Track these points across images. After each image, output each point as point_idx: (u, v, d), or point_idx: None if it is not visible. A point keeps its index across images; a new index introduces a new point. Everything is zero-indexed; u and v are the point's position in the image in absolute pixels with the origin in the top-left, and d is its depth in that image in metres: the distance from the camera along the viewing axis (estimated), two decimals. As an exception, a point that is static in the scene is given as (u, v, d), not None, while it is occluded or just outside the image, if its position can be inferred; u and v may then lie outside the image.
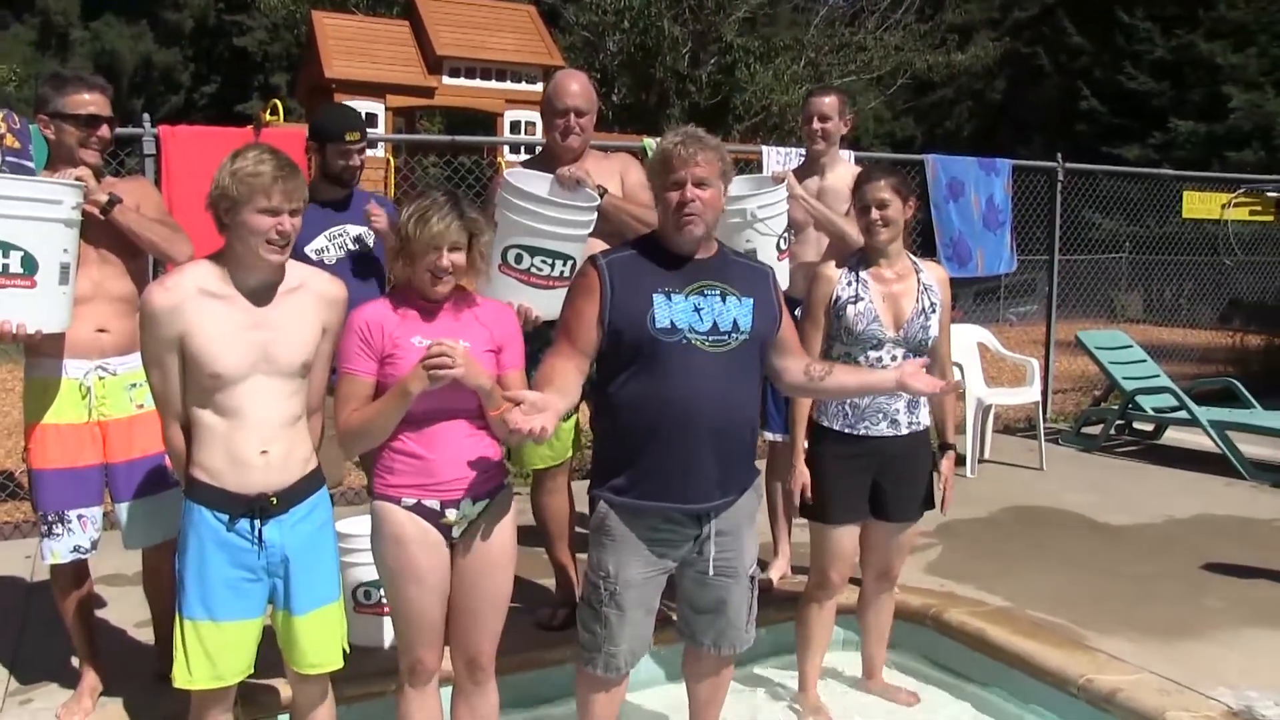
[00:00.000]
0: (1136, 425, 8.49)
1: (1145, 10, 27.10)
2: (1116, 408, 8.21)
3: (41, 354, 3.49)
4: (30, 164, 4.91)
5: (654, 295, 2.96)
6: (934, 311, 3.67)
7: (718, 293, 3.02)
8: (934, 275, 3.76)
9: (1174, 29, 26.22)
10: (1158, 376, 8.35)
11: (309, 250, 4.04)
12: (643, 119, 20.12)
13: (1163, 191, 10.57)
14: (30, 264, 3.25)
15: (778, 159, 7.09)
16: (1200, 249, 12.18)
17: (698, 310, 2.98)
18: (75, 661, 3.76)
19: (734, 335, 3.01)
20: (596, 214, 3.90)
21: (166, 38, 40.26)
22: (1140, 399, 8.02)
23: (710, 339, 2.98)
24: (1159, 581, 4.93)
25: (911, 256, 3.76)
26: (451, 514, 2.95)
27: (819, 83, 19.72)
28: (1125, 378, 8.23)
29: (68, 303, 3.39)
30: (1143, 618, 4.42)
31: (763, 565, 4.67)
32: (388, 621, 3.89)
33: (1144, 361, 8.54)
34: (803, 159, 5.30)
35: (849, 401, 3.60)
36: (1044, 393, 8.66)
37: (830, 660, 4.07)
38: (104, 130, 3.58)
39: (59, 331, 3.41)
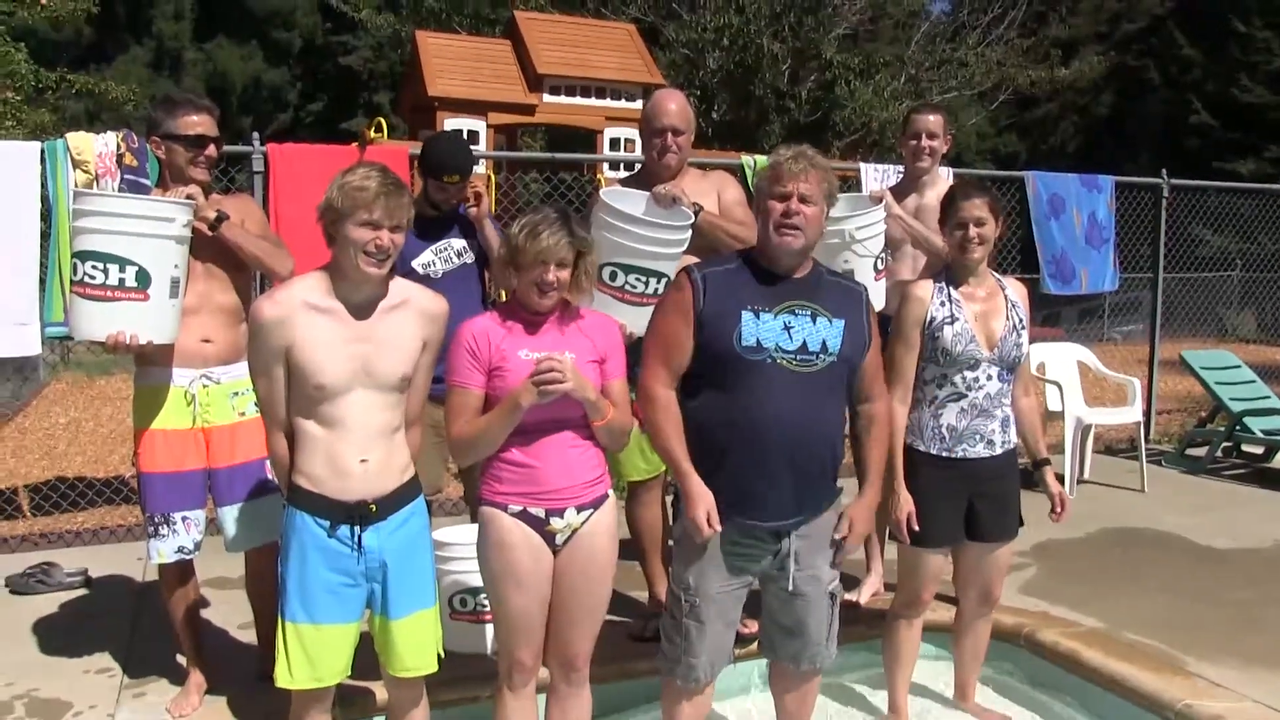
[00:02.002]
0: (1245, 448, 8.26)
1: (1263, 19, 26.33)
2: (1223, 429, 7.99)
3: (150, 363, 3.66)
4: (147, 181, 5.15)
5: (742, 312, 3.00)
6: (1023, 328, 3.65)
7: (809, 313, 3.04)
8: (1017, 292, 3.74)
9: (1294, 37, 25.51)
10: (1268, 398, 8.13)
11: (416, 264, 4.15)
12: (742, 136, 20.12)
13: (1278, 207, 10.28)
14: (144, 278, 3.42)
15: (875, 176, 7.07)
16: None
17: (788, 329, 3.01)
18: (182, 659, 3.92)
19: (822, 356, 3.03)
20: (690, 232, 3.95)
21: (275, 57, 41.30)
22: (1249, 420, 7.80)
23: (798, 359, 3.01)
24: (1264, 608, 4.81)
25: (995, 274, 3.75)
26: (556, 522, 3.02)
27: (919, 99, 19.53)
28: (1232, 398, 8.01)
29: (177, 315, 3.56)
30: (1246, 645, 4.31)
31: (855, 582, 4.69)
32: (483, 628, 3.99)
33: (1253, 382, 8.30)
34: (900, 176, 5.29)
35: (946, 425, 3.60)
36: (1146, 413, 8.50)
37: (921, 677, 4.05)
38: (211, 149, 3.74)
39: (168, 343, 3.57)
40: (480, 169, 11.73)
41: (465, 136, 12.14)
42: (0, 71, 12.04)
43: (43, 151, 5.24)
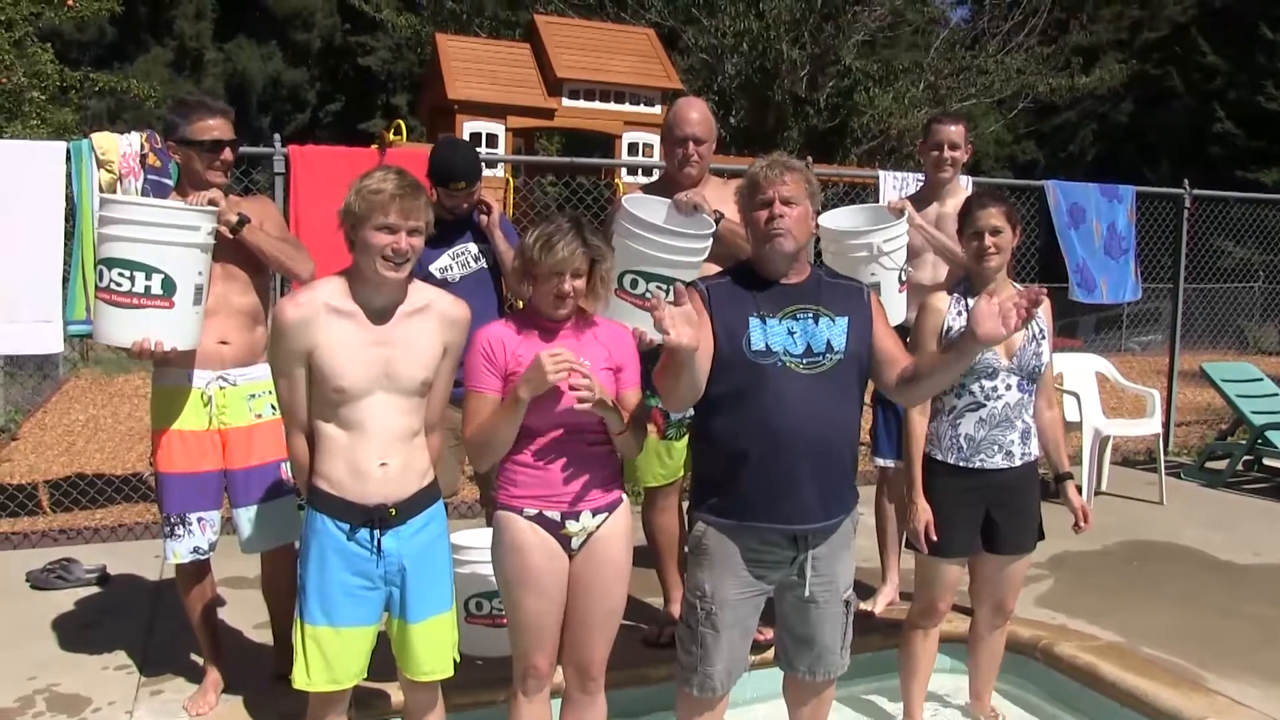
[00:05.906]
0: (1266, 461, 8.19)
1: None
2: (1244, 442, 7.93)
3: (167, 364, 3.67)
4: (169, 181, 5.19)
5: (749, 319, 3.00)
6: (1044, 338, 3.64)
7: (810, 315, 3.04)
8: None
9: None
10: (1290, 411, 8.07)
11: (434, 269, 4.15)
12: (760, 142, 20.09)
13: (1302, 219, 10.21)
14: (169, 286, 3.44)
15: (894, 184, 7.05)
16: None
17: (791, 333, 3.01)
18: (199, 658, 3.95)
19: (828, 356, 3.02)
20: (711, 240, 3.95)
21: (294, 58, 41.57)
22: (1270, 434, 7.73)
23: (805, 361, 3.00)
24: (1286, 624, 4.77)
25: (1015, 284, 3.73)
26: (571, 525, 3.02)
27: (938, 106, 19.48)
28: (1254, 411, 7.96)
29: (200, 321, 3.58)
30: (1267, 661, 4.28)
31: (870, 591, 4.68)
32: (499, 632, 3.98)
33: (1275, 395, 8.24)
34: (919, 185, 5.28)
35: (964, 435, 3.59)
36: (1165, 425, 8.45)
37: (936, 687, 4.04)
38: (226, 153, 3.74)
39: (191, 349, 3.60)
40: (499, 172, 11.79)
41: (483, 140, 12.14)
42: (27, 71, 12.15)
43: (68, 151, 5.28)
